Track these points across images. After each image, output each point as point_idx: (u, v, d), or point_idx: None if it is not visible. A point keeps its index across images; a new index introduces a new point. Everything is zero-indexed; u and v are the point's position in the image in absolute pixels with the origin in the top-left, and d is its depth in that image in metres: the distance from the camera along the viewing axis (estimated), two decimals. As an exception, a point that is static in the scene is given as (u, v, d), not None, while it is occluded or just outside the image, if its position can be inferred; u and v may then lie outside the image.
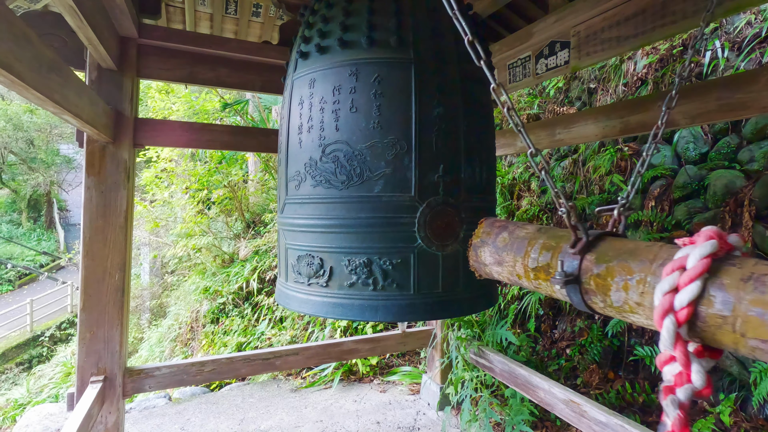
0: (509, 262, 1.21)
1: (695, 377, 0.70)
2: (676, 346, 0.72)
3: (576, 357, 3.94)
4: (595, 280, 0.93)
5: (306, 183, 1.65)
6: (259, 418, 3.89)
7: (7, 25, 1.16)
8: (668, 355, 0.74)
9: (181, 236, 8.80)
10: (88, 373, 2.53)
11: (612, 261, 0.91)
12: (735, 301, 0.68)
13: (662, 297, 0.74)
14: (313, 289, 1.65)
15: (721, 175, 3.44)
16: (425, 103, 1.55)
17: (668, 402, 0.70)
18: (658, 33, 1.98)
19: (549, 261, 1.06)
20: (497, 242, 1.28)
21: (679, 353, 0.72)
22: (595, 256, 0.95)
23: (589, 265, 0.95)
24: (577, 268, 0.96)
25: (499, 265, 1.26)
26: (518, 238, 1.20)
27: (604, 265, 0.92)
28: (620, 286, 0.87)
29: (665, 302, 0.73)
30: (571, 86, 5.27)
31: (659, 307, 0.74)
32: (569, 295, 0.99)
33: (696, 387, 0.70)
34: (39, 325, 14.54)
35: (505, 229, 1.28)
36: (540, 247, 1.11)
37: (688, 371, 0.71)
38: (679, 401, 0.69)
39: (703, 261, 0.71)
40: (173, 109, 8.33)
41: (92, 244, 2.52)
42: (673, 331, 0.72)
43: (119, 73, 2.58)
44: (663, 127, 1.22)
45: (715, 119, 1.98)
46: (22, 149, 22.40)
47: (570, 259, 0.98)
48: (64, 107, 1.63)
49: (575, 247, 0.98)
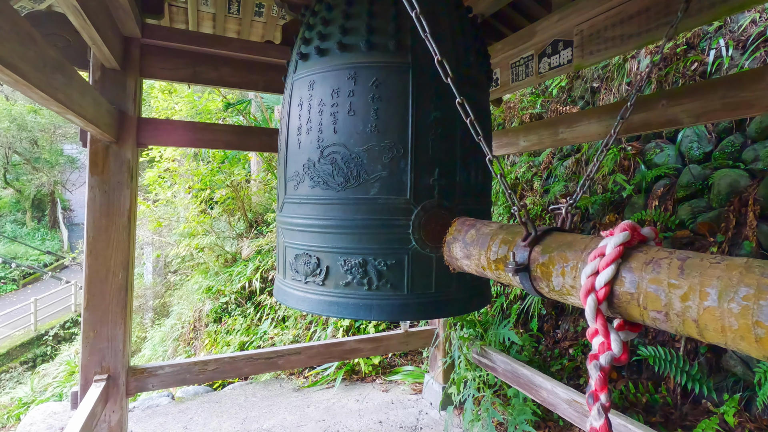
0: (475, 256, 1.34)
1: (614, 345, 0.83)
2: (596, 319, 0.85)
3: (579, 357, 3.93)
4: (540, 268, 1.07)
5: (304, 183, 1.67)
6: (262, 417, 3.90)
7: (11, 25, 1.16)
8: (593, 328, 0.87)
9: (184, 236, 8.82)
10: (91, 371, 2.54)
11: (553, 251, 1.05)
12: (639, 280, 0.81)
13: (586, 279, 0.88)
14: (310, 287, 1.68)
15: (725, 175, 3.42)
16: (422, 107, 1.56)
17: (592, 366, 0.83)
18: (661, 31, 1.97)
19: (506, 253, 1.20)
20: (466, 238, 1.40)
21: (600, 326, 0.85)
22: (542, 248, 1.09)
23: (536, 255, 1.09)
24: (526, 258, 1.10)
25: (468, 258, 1.38)
26: (483, 234, 1.33)
27: (548, 255, 1.06)
28: (559, 272, 1.01)
29: (588, 283, 0.87)
30: (573, 85, 5.26)
31: (583, 288, 0.88)
32: (522, 282, 1.13)
33: (615, 354, 0.83)
34: (43, 324, 14.62)
35: (473, 226, 1.41)
36: (500, 241, 1.25)
37: (608, 341, 0.84)
38: (600, 365, 0.82)
39: (617, 248, 0.85)
40: (176, 108, 8.35)
41: (96, 244, 2.53)
42: (594, 307, 0.85)
43: (122, 72, 2.59)
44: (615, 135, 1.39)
45: (719, 118, 1.97)
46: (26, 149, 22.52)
47: (521, 251, 1.12)
48: (67, 107, 1.64)
49: (526, 241, 1.12)
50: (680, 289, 0.74)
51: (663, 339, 3.52)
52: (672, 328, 0.77)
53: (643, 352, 3.45)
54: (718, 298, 0.68)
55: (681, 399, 3.29)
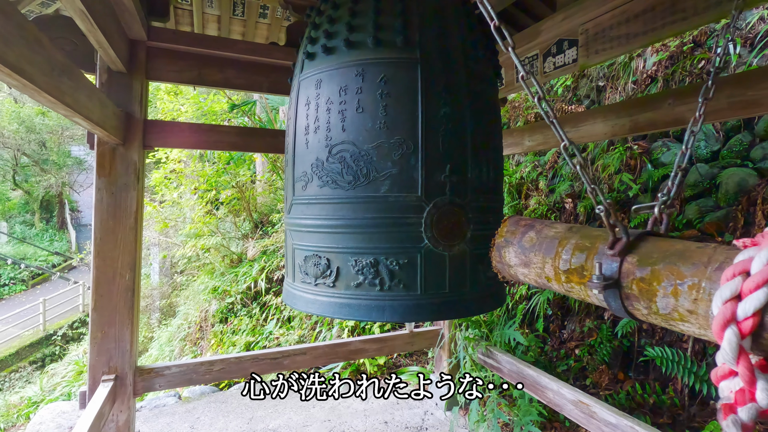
0: (537, 264, 1.13)
1: (760, 395, 0.63)
2: (739, 360, 0.64)
3: (585, 357, 3.90)
4: (638, 284, 0.86)
5: (313, 183, 1.66)
6: (268, 417, 3.91)
7: (19, 29, 1.18)
8: (727, 369, 0.66)
9: (190, 236, 8.88)
10: (99, 372, 2.56)
11: (658, 264, 0.83)
12: None
13: (722, 305, 0.67)
14: (320, 289, 1.66)
15: (733, 174, 3.39)
16: (432, 102, 1.55)
17: (729, 423, 0.64)
18: (668, 30, 1.96)
19: (583, 263, 0.98)
20: (523, 242, 1.20)
21: (743, 368, 0.64)
22: (638, 258, 0.88)
23: (631, 267, 0.88)
24: (616, 271, 0.89)
25: (526, 266, 1.19)
26: (547, 237, 1.12)
27: (649, 268, 0.84)
28: (668, 291, 0.80)
29: (726, 311, 0.66)
30: (579, 84, 5.23)
31: (719, 317, 0.66)
32: (607, 301, 0.93)
33: (761, 406, 0.63)
34: (51, 324, 14.77)
35: (532, 228, 1.20)
36: (572, 247, 1.02)
37: (752, 388, 0.63)
38: (741, 422, 0.63)
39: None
40: (182, 110, 8.40)
41: (103, 245, 2.55)
42: (736, 344, 0.64)
43: (129, 75, 2.61)
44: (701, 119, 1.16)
45: (727, 117, 1.95)
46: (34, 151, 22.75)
47: (608, 261, 0.91)
48: (75, 110, 1.65)
49: (614, 248, 0.91)
50: None
51: (670, 339, 3.49)
52: None
53: (650, 352, 3.42)
54: None
55: (689, 400, 3.26)
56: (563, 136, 1.00)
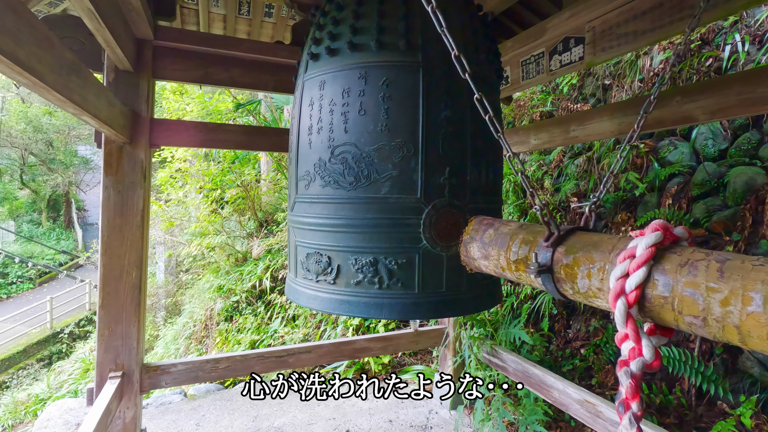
0: (494, 256, 1.30)
1: (645, 351, 0.79)
2: (627, 324, 0.81)
3: (591, 357, 3.89)
4: (564, 269, 1.03)
5: (315, 183, 1.68)
6: (273, 415, 3.93)
7: (30, 28, 1.19)
8: (623, 333, 0.83)
9: (196, 235, 8.92)
10: (106, 369, 2.58)
11: (578, 252, 1.00)
12: (673, 284, 0.78)
13: (615, 282, 0.84)
14: (321, 285, 1.69)
15: (741, 172, 3.36)
16: (433, 106, 1.56)
17: (622, 373, 0.79)
18: (675, 27, 1.94)
19: (527, 254, 1.16)
20: (484, 238, 1.37)
21: (630, 330, 0.81)
22: (565, 248, 1.04)
23: (560, 256, 1.04)
24: (549, 259, 1.06)
25: (486, 258, 1.35)
26: (502, 234, 1.29)
27: (572, 256, 1.01)
28: (584, 274, 0.97)
29: (617, 286, 0.83)
30: (584, 83, 5.20)
31: (612, 291, 0.84)
32: (544, 284, 1.08)
33: (646, 360, 0.79)
34: (58, 322, 14.89)
35: (491, 226, 1.38)
36: (520, 241, 1.20)
37: (639, 346, 0.80)
38: (631, 372, 0.79)
39: (649, 249, 0.81)
40: (187, 109, 8.44)
41: (110, 243, 2.57)
42: (624, 311, 0.82)
43: (135, 74, 2.62)
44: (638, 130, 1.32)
45: (735, 114, 1.93)
46: (41, 151, 22.95)
47: (544, 252, 1.08)
48: (83, 108, 1.67)
49: (548, 241, 1.08)
50: (720, 293, 0.70)
51: (677, 339, 3.47)
52: (710, 334, 0.74)
53: (657, 352, 3.40)
54: (763, 303, 0.64)
55: (696, 400, 3.23)
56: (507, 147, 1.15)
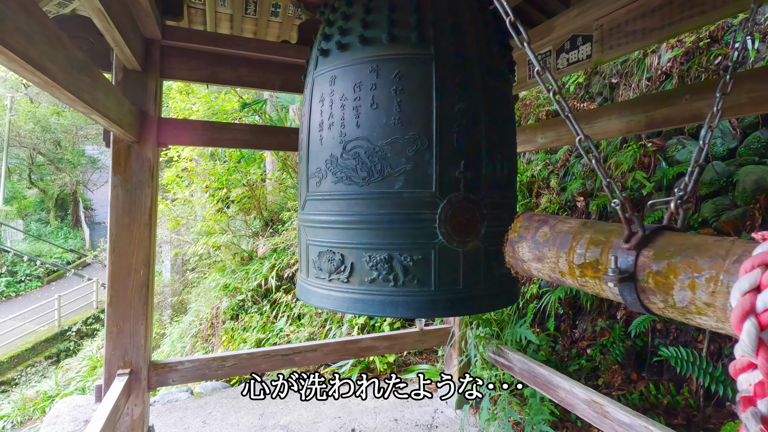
0: (551, 258, 1.14)
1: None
2: (758, 352, 0.63)
3: (597, 357, 3.87)
4: (654, 277, 0.85)
5: (327, 180, 1.66)
6: (279, 413, 3.94)
7: (42, 28, 1.20)
8: (746, 362, 0.65)
9: (202, 234, 8.97)
10: (114, 366, 2.61)
11: (674, 257, 0.83)
12: None
13: (741, 297, 0.66)
14: (334, 284, 1.66)
15: (750, 171, 3.33)
16: (446, 98, 1.54)
17: (748, 415, 0.63)
18: (685, 24, 1.93)
19: (598, 257, 0.99)
20: (537, 237, 1.22)
21: (762, 360, 0.63)
22: (654, 252, 0.87)
23: (647, 261, 0.87)
24: (632, 264, 0.89)
25: (539, 261, 1.20)
26: (561, 232, 1.13)
27: (665, 262, 0.84)
28: (685, 284, 0.80)
29: (745, 302, 0.65)
30: (591, 81, 5.17)
31: (738, 309, 0.66)
32: (622, 295, 0.93)
33: None
34: (66, 320, 15.04)
35: (546, 223, 1.22)
36: (587, 242, 1.03)
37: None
38: (761, 414, 0.62)
39: None
40: (193, 109, 8.48)
41: (118, 241, 2.59)
42: (755, 336, 0.64)
43: (144, 74, 2.64)
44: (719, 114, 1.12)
45: (745, 113, 1.92)
46: (49, 150, 23.18)
47: (624, 255, 0.91)
48: (93, 107, 1.68)
49: (630, 242, 0.92)
50: None
51: (685, 340, 3.44)
52: None
53: (665, 352, 3.38)
54: None
55: (704, 401, 3.21)
56: (579, 130, 0.99)
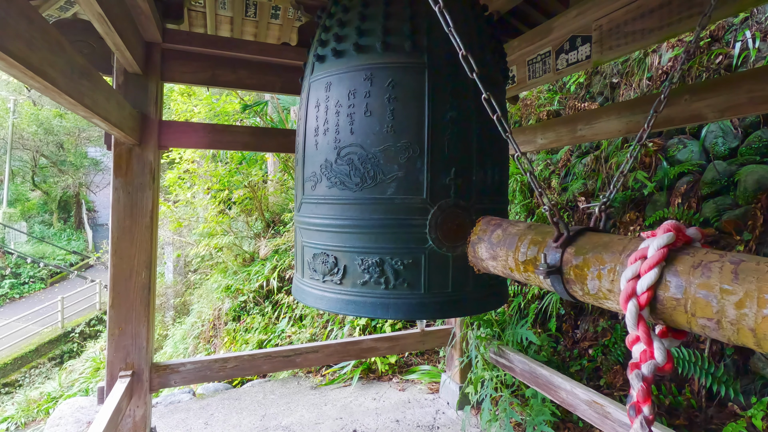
0: (502, 257, 1.29)
1: (657, 354, 0.78)
2: (638, 326, 0.81)
3: (599, 358, 3.86)
4: (574, 270, 1.02)
5: (322, 184, 1.69)
6: (281, 414, 3.95)
7: (42, 33, 1.21)
8: (634, 335, 0.82)
9: (203, 235, 8.99)
10: (117, 368, 2.62)
11: (588, 253, 1.00)
12: (686, 285, 0.77)
13: (626, 283, 0.83)
14: (327, 285, 1.70)
15: (752, 171, 3.32)
16: (438, 107, 1.57)
17: (633, 376, 0.78)
18: (684, 24, 1.93)
19: (536, 254, 1.15)
20: (492, 238, 1.36)
21: (642, 333, 0.80)
22: (575, 249, 1.04)
23: (569, 257, 1.04)
24: (558, 260, 1.05)
25: (494, 259, 1.34)
26: (510, 234, 1.28)
27: (582, 257, 1.01)
28: (594, 275, 0.96)
29: (629, 288, 0.82)
30: (592, 81, 5.16)
31: (624, 292, 0.83)
32: (553, 285, 1.08)
33: (658, 363, 0.78)
34: (69, 321, 15.10)
35: (500, 226, 1.37)
36: (528, 242, 1.19)
37: (651, 348, 0.79)
38: (642, 375, 0.78)
39: (661, 250, 0.81)
40: (195, 111, 8.51)
41: (120, 243, 2.61)
42: (636, 313, 0.81)
43: (144, 77, 2.66)
44: (648, 129, 1.26)
45: (746, 112, 1.91)
46: (52, 152, 23.28)
47: (553, 252, 1.07)
48: (94, 111, 1.69)
49: (557, 241, 1.07)
50: (734, 295, 0.69)
51: (687, 340, 3.43)
52: (724, 336, 0.73)
53: (666, 353, 3.37)
54: None
55: (706, 402, 3.20)
56: (516, 148, 1.14)
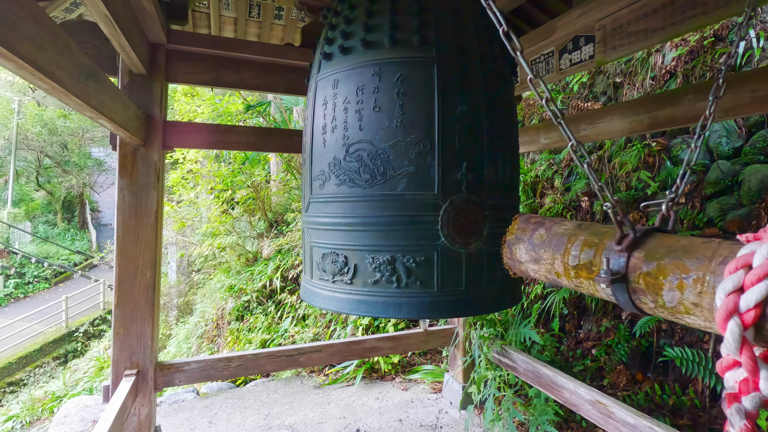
0: (547, 260, 1.17)
1: (763, 385, 0.64)
2: (742, 350, 0.66)
3: (602, 357, 3.85)
4: (644, 278, 0.88)
5: (330, 182, 1.67)
6: (284, 413, 3.96)
7: (50, 35, 1.22)
8: (731, 360, 0.67)
9: (207, 235, 9.02)
10: (122, 366, 2.63)
11: (664, 258, 0.86)
12: None
13: (725, 297, 0.68)
14: (337, 286, 1.67)
15: (756, 170, 3.31)
16: (448, 101, 1.55)
17: (733, 411, 0.65)
18: (688, 24, 1.92)
19: (592, 258, 1.02)
20: (533, 239, 1.24)
21: (746, 358, 0.65)
22: (644, 254, 0.90)
23: (638, 262, 0.90)
24: (624, 266, 0.92)
25: (536, 262, 1.22)
26: (557, 234, 1.16)
27: (655, 263, 0.87)
28: (674, 285, 0.83)
29: (729, 303, 0.67)
30: (595, 81, 5.15)
31: (722, 308, 0.68)
32: (615, 295, 0.95)
33: (764, 395, 0.64)
34: (74, 321, 15.18)
35: (542, 225, 1.25)
36: (581, 243, 1.06)
37: (756, 378, 0.64)
38: (745, 410, 0.64)
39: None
40: (198, 111, 8.54)
41: (125, 243, 2.62)
42: (739, 335, 0.66)
43: (149, 77, 2.67)
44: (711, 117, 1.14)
45: (750, 112, 1.91)
46: (56, 153, 23.40)
47: (616, 257, 0.94)
48: (100, 112, 1.71)
49: (621, 244, 0.94)
50: None
51: (691, 340, 3.43)
52: None
53: (670, 353, 3.36)
54: None
55: (710, 402, 3.19)
56: (570, 136, 1.01)
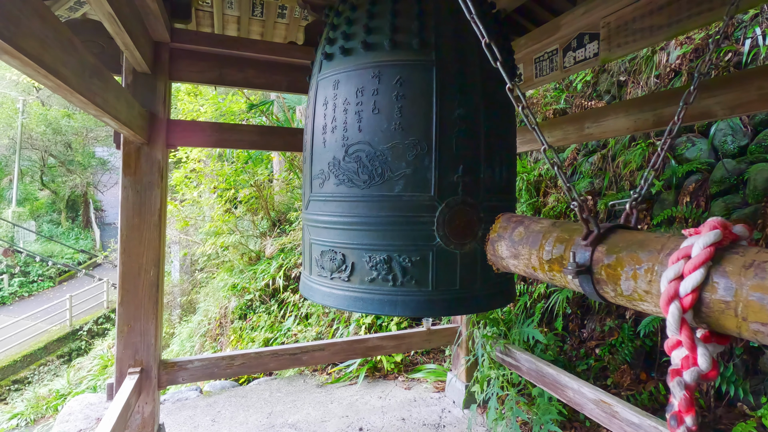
0: (525, 255, 1.25)
1: (701, 360, 0.73)
2: (681, 330, 0.75)
3: (606, 357, 3.84)
4: (605, 270, 0.96)
5: (329, 181, 1.70)
6: (287, 412, 3.97)
7: (55, 32, 1.23)
8: (675, 339, 0.77)
9: (210, 234, 9.05)
10: (126, 364, 2.65)
11: (622, 252, 0.94)
12: (737, 287, 0.71)
13: (668, 284, 0.78)
14: (335, 283, 1.71)
15: (762, 169, 3.28)
16: (446, 104, 1.57)
17: (675, 384, 0.73)
18: (693, 21, 1.91)
19: (562, 253, 1.10)
20: (513, 236, 1.32)
21: (685, 337, 0.75)
22: (606, 248, 0.98)
23: (600, 256, 0.99)
24: (588, 259, 1.00)
25: (515, 258, 1.30)
26: (533, 231, 1.24)
27: (614, 256, 0.95)
28: (629, 275, 0.91)
29: (670, 289, 0.77)
30: (599, 79, 5.13)
31: (665, 294, 0.77)
32: (582, 285, 1.03)
33: (702, 370, 0.73)
34: (78, 319, 15.25)
35: (521, 223, 1.33)
36: (554, 240, 1.15)
37: (694, 355, 0.74)
38: (685, 383, 0.72)
39: (707, 249, 0.75)
40: (201, 110, 8.55)
41: (129, 242, 2.63)
42: (678, 317, 0.75)
43: (153, 76, 2.68)
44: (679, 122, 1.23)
45: (756, 110, 1.90)
46: (60, 152, 23.50)
47: (582, 251, 1.02)
48: (104, 110, 1.71)
49: (587, 239, 1.02)
50: None
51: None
52: None
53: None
54: None
55: (715, 402, 3.18)
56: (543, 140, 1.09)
